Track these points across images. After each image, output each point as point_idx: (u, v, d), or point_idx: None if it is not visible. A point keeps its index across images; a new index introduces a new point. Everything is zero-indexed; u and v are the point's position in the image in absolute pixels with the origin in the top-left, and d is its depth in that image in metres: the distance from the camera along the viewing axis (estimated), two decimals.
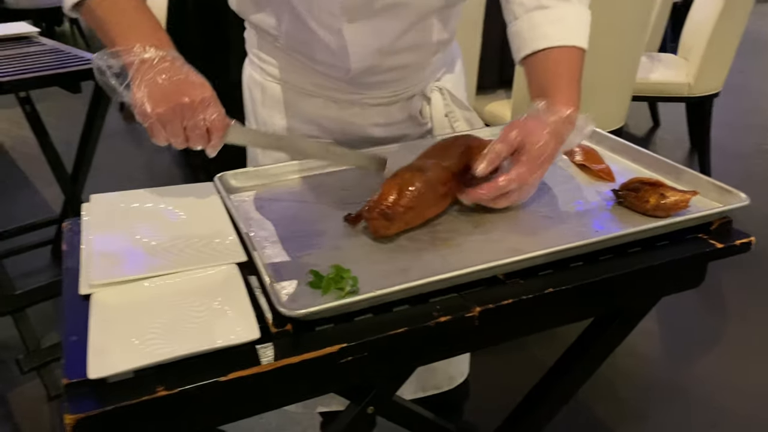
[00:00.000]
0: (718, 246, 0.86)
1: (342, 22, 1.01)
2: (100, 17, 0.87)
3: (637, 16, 2.39)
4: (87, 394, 0.63)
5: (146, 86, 0.82)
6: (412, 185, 0.88)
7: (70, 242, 0.89)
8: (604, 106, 2.53)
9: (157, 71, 0.83)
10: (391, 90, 1.16)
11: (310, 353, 0.68)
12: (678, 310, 2.24)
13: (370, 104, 1.17)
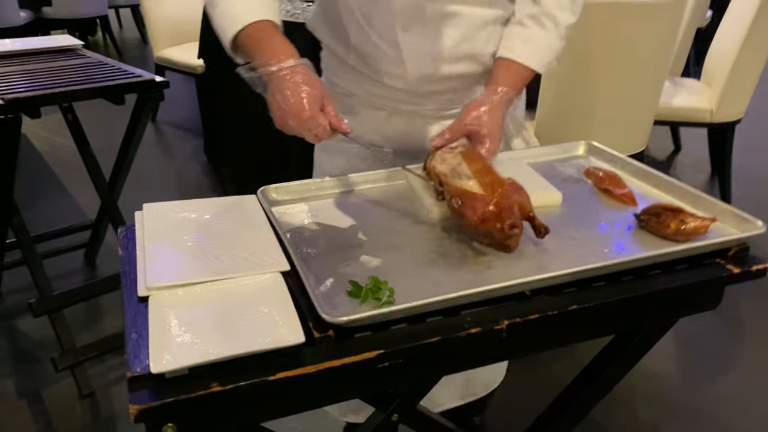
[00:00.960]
0: (734, 271, 0.91)
1: (397, 31, 1.13)
2: (245, 46, 1.04)
3: (661, 43, 2.43)
4: (148, 387, 0.69)
5: (275, 99, 0.98)
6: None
7: (126, 247, 0.96)
8: (626, 130, 2.58)
9: (283, 80, 0.97)
10: (449, 102, 1.24)
11: (350, 357, 0.74)
12: (696, 332, 2.27)
13: (431, 116, 1.25)
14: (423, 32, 1.14)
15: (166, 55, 3.96)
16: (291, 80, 0.97)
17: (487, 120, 1.07)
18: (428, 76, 1.19)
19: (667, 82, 3.27)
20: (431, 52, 1.16)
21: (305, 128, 0.97)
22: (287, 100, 0.96)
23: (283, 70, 0.98)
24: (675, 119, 3.04)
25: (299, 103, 0.96)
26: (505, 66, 1.15)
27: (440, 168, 1.05)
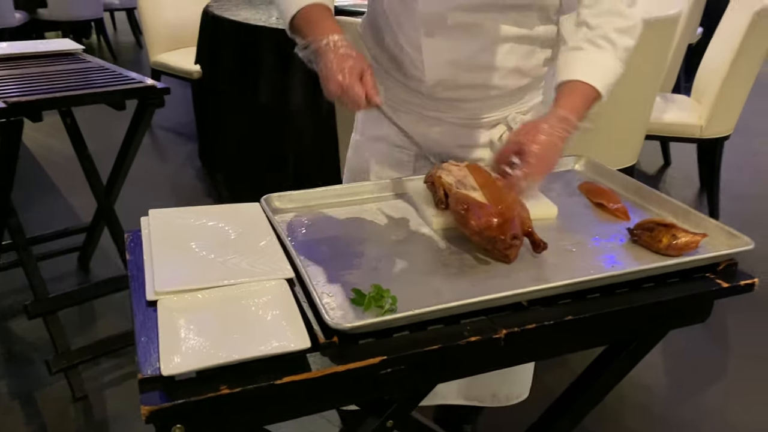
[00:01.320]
0: (723, 285, 0.94)
1: (421, 36, 1.19)
2: (300, 26, 1.16)
3: (653, 60, 2.48)
4: (158, 389, 0.71)
5: (324, 70, 1.09)
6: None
7: (133, 252, 0.98)
8: (617, 145, 2.62)
9: (330, 53, 1.09)
10: (471, 112, 1.28)
11: (354, 363, 0.77)
12: (685, 345, 2.30)
13: (454, 123, 1.30)
14: (445, 39, 1.20)
15: (163, 60, 3.98)
16: (335, 51, 1.09)
17: (535, 138, 1.04)
18: (445, 82, 1.24)
19: (658, 97, 3.33)
20: (450, 58, 1.21)
21: (344, 94, 1.08)
22: (331, 68, 1.07)
23: (329, 43, 1.10)
24: (665, 134, 3.08)
25: (341, 71, 1.07)
26: (567, 90, 1.13)
27: (446, 179, 1.08)
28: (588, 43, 1.13)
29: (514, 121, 1.29)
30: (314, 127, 2.82)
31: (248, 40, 2.90)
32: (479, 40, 1.20)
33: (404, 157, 1.33)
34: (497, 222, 0.97)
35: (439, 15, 1.18)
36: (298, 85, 2.76)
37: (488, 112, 1.29)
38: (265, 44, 2.84)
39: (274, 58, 2.82)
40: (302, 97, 2.77)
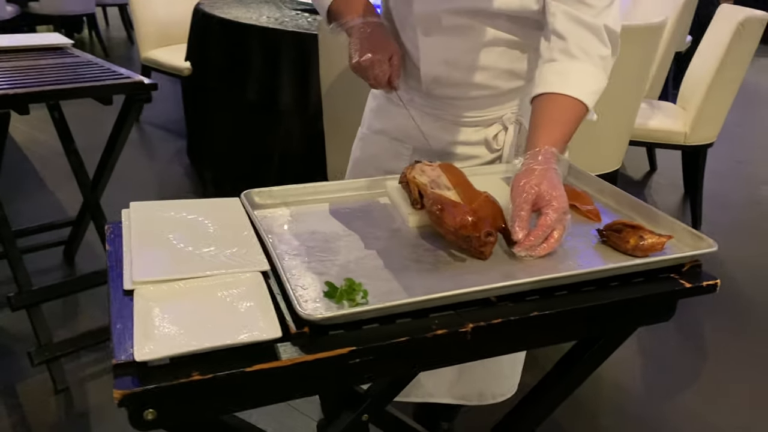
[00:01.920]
0: (686, 285, 0.97)
1: (418, 34, 1.25)
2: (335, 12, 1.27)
3: (637, 67, 2.52)
4: (132, 374, 0.73)
5: (353, 46, 1.21)
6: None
7: (112, 243, 1.00)
8: (601, 149, 2.66)
9: (359, 33, 1.22)
10: (466, 110, 1.32)
11: (324, 353, 0.79)
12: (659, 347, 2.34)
13: (450, 121, 1.34)
14: (440, 39, 1.25)
15: (153, 56, 3.99)
16: (367, 30, 1.21)
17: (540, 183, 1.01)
18: (440, 80, 1.29)
19: (644, 104, 3.37)
20: (445, 57, 1.26)
21: (371, 69, 1.19)
22: (362, 44, 1.20)
23: (362, 23, 1.22)
24: (650, 140, 3.13)
25: (373, 47, 1.19)
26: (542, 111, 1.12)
27: (420, 179, 1.10)
28: (561, 53, 1.13)
29: (509, 120, 1.32)
30: (301, 126, 2.84)
31: (237, 38, 2.92)
32: (472, 41, 1.24)
33: (403, 150, 1.39)
34: (471, 220, 0.99)
35: (433, 16, 1.23)
36: (286, 85, 2.78)
37: (483, 111, 1.33)
38: (254, 43, 2.86)
39: (262, 57, 2.84)
40: (290, 96, 2.79)
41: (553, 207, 1.00)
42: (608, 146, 2.67)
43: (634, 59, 2.48)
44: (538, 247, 1.00)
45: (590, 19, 1.13)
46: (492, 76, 1.28)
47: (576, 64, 1.13)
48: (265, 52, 2.82)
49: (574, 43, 1.13)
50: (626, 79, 2.51)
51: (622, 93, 2.53)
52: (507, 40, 1.24)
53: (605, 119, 2.58)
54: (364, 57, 1.20)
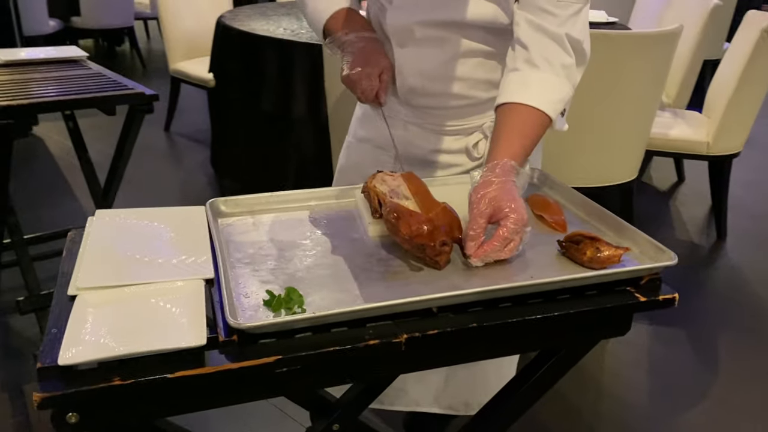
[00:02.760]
0: (641, 299, 0.94)
1: (394, 46, 1.26)
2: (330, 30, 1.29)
3: (651, 74, 2.46)
4: (55, 378, 0.75)
5: (345, 59, 1.23)
6: None
7: (69, 250, 1.02)
8: (615, 159, 2.60)
9: (352, 48, 1.23)
10: (445, 119, 1.32)
11: (248, 362, 0.79)
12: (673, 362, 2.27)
13: (430, 129, 1.34)
14: (415, 50, 1.25)
15: (181, 68, 4.09)
16: (359, 44, 1.23)
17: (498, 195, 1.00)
18: (416, 90, 1.29)
19: (668, 113, 3.29)
20: (420, 68, 1.26)
21: (358, 83, 1.20)
22: (353, 58, 1.21)
23: (356, 37, 1.23)
24: (671, 150, 3.05)
25: (365, 62, 1.20)
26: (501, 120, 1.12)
27: (380, 188, 1.10)
28: (525, 63, 1.12)
29: (490, 129, 1.31)
30: (314, 134, 2.87)
31: (254, 49, 2.97)
32: (447, 52, 1.24)
33: (385, 158, 1.39)
34: (427, 229, 0.99)
35: (406, 28, 1.24)
36: (300, 94, 2.81)
37: (463, 120, 1.32)
38: (269, 54, 2.90)
39: (277, 68, 2.88)
40: (303, 105, 2.83)
41: (511, 219, 0.99)
42: (622, 156, 2.61)
43: (648, 67, 2.43)
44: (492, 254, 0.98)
45: (553, 28, 1.12)
46: (469, 86, 1.27)
47: (538, 73, 1.12)
48: (280, 62, 2.86)
49: (536, 52, 1.12)
50: (639, 87, 2.46)
51: (635, 101, 2.48)
52: (482, 50, 1.24)
53: (618, 128, 2.54)
54: (354, 70, 1.21)
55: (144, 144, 4.01)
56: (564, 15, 1.12)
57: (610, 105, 2.45)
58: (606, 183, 2.61)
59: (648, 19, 4.02)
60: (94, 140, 3.56)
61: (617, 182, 2.64)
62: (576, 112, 2.46)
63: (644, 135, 2.63)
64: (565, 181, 1.27)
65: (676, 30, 2.41)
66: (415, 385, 1.53)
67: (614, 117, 2.48)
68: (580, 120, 2.48)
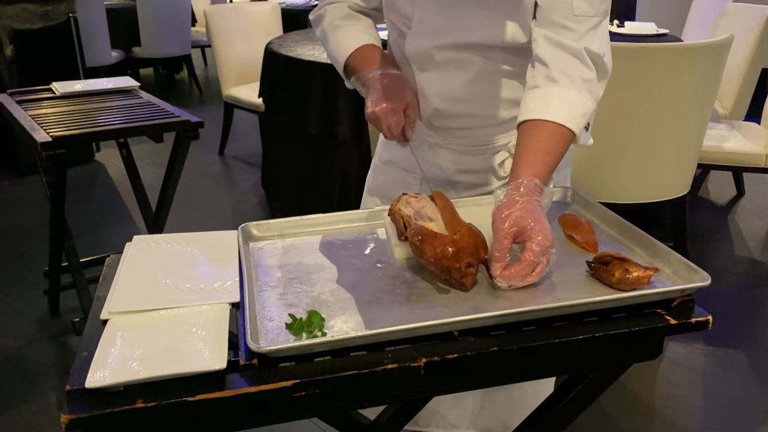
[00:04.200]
0: (672, 322, 0.91)
1: (414, 71, 1.27)
2: (353, 66, 1.29)
3: (701, 86, 2.40)
4: (83, 400, 0.78)
5: (370, 96, 1.21)
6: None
7: (106, 275, 1.06)
8: (665, 174, 2.53)
9: (376, 84, 1.22)
10: (469, 140, 1.33)
11: (267, 385, 0.80)
12: (734, 387, 2.18)
13: (454, 149, 1.34)
14: (436, 73, 1.26)
15: (233, 93, 4.20)
16: (384, 81, 1.21)
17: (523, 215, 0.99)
18: (440, 112, 1.29)
19: (724, 125, 3.19)
20: (442, 91, 1.27)
21: (383, 119, 1.18)
22: (378, 94, 1.19)
23: (381, 74, 1.23)
24: (728, 163, 2.94)
25: (390, 98, 1.19)
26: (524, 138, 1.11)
27: (405, 210, 1.11)
28: (545, 80, 1.12)
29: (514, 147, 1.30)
30: (359, 155, 2.90)
31: (300, 74, 3.04)
32: (468, 73, 1.24)
33: (411, 180, 1.40)
34: (451, 251, 0.99)
35: (426, 53, 1.24)
36: (344, 117, 2.86)
37: (487, 140, 1.32)
38: (315, 78, 2.96)
39: (322, 92, 2.93)
40: (347, 128, 2.87)
41: (537, 241, 0.97)
42: (673, 171, 2.54)
43: (696, 79, 2.36)
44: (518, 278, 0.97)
45: (571, 43, 1.11)
46: (491, 106, 1.27)
47: (558, 88, 1.11)
48: (324, 87, 2.92)
49: (555, 68, 1.11)
50: (688, 100, 2.39)
51: (684, 115, 2.41)
52: (503, 70, 1.24)
53: (667, 143, 2.47)
54: (379, 107, 1.19)
55: (199, 168, 4.16)
56: (582, 29, 1.11)
57: (657, 119, 2.40)
58: (656, 199, 2.55)
59: (702, 29, 3.91)
60: (152, 165, 3.71)
61: (668, 198, 2.56)
62: (623, 128, 2.42)
63: (695, 149, 2.55)
64: (615, 198, 1.25)
65: (724, 41, 2.34)
66: (451, 407, 1.52)
67: (663, 131, 2.42)
68: (627, 135, 2.43)
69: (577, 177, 2.55)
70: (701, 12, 4.06)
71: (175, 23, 5.98)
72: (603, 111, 2.38)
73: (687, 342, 2.37)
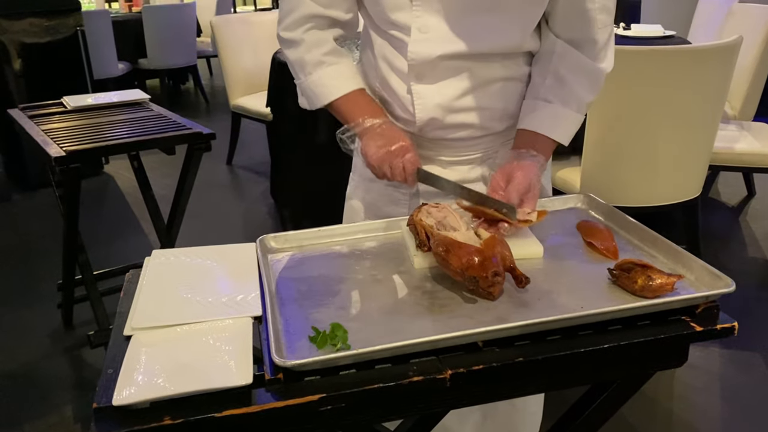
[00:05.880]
0: (697, 329, 0.91)
1: (411, 80, 1.24)
2: (339, 111, 1.29)
3: (713, 89, 2.39)
4: (110, 417, 0.78)
5: (366, 144, 1.22)
6: None
7: (127, 290, 1.06)
8: (678, 177, 2.52)
9: (372, 133, 1.22)
10: (461, 150, 1.32)
11: (293, 400, 0.80)
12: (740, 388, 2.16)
13: (446, 162, 1.34)
14: (434, 83, 1.24)
15: (241, 103, 4.22)
16: (379, 131, 1.22)
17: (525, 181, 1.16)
18: (435, 123, 1.27)
19: (734, 125, 3.18)
20: (439, 101, 1.25)
21: (387, 161, 1.19)
22: (375, 144, 1.20)
23: (373, 125, 1.23)
24: (738, 164, 2.93)
25: (383, 142, 1.20)
26: (532, 137, 1.23)
27: (426, 221, 1.11)
28: (557, 99, 1.22)
29: (504, 158, 1.30)
30: None
31: None
32: (467, 83, 1.24)
33: (399, 196, 1.38)
34: (477, 261, 0.98)
35: (428, 62, 1.22)
36: None
37: (479, 151, 1.32)
38: None
39: None
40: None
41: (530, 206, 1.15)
42: (684, 173, 2.52)
43: (706, 81, 2.35)
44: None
45: (591, 63, 1.20)
46: (487, 117, 1.27)
47: (568, 112, 1.23)
48: None
49: (571, 91, 1.21)
50: (698, 102, 2.39)
51: (694, 117, 2.40)
52: (501, 77, 1.24)
53: (678, 145, 2.46)
54: (380, 151, 1.20)
55: (207, 178, 4.16)
56: (602, 41, 1.15)
57: (668, 122, 2.39)
58: (668, 201, 2.53)
59: (708, 30, 3.90)
60: (162, 176, 3.72)
61: (680, 200, 2.55)
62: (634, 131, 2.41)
63: (707, 151, 2.54)
64: (625, 201, 1.27)
65: (733, 42, 2.33)
66: (453, 420, 1.50)
67: (673, 134, 2.41)
68: (638, 139, 2.42)
69: (589, 181, 2.54)
70: (707, 13, 4.05)
71: (181, 34, 6.01)
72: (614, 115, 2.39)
73: (704, 345, 2.35)
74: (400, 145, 1.20)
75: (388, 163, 1.19)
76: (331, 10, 1.25)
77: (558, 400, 1.41)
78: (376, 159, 1.20)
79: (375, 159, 1.21)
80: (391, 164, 1.19)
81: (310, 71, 1.29)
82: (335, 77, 1.27)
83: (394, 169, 1.19)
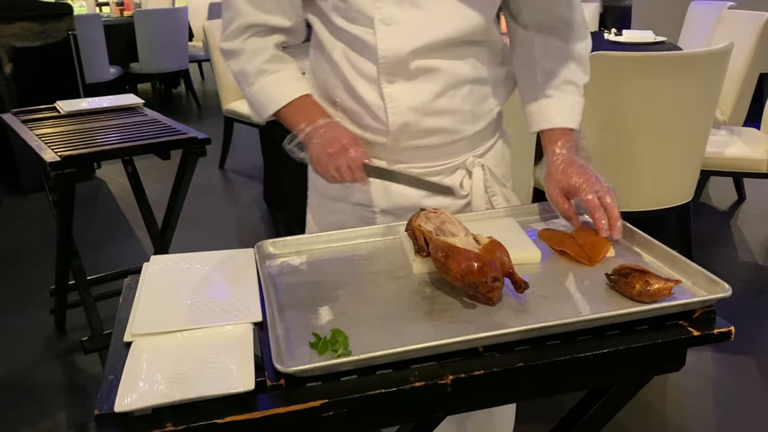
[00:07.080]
0: (694, 333, 0.92)
1: (382, 83, 1.21)
2: (284, 119, 1.27)
3: (704, 94, 2.41)
4: (112, 424, 0.78)
5: (311, 149, 1.19)
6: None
7: (126, 296, 1.06)
8: (670, 181, 2.54)
9: (316, 136, 1.19)
10: (432, 159, 1.30)
11: (295, 406, 0.80)
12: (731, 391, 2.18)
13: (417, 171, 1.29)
14: (406, 85, 1.21)
15: (234, 107, 4.21)
16: (321, 132, 1.18)
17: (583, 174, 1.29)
18: (408, 128, 1.24)
19: (724, 131, 3.21)
20: (411, 104, 1.22)
21: (334, 159, 1.15)
22: (318, 148, 1.17)
23: (316, 127, 1.19)
24: (729, 169, 2.96)
25: (327, 141, 1.16)
26: (548, 134, 1.28)
27: (425, 226, 1.11)
28: (555, 89, 1.24)
29: (472, 164, 1.31)
30: None
31: None
32: (438, 83, 1.22)
33: (368, 215, 1.33)
34: (477, 266, 0.99)
35: (400, 61, 1.18)
36: None
37: (448, 158, 1.30)
38: None
39: None
40: None
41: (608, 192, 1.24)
42: (676, 178, 2.55)
43: (698, 87, 2.38)
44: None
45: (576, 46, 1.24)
46: (458, 120, 1.26)
47: (569, 98, 1.27)
48: None
49: (565, 78, 1.25)
50: (690, 108, 2.41)
51: (686, 123, 2.43)
52: (471, 78, 1.24)
53: (670, 150, 2.48)
54: (325, 151, 1.16)
55: (200, 182, 4.15)
56: (577, 20, 1.22)
57: (660, 128, 2.41)
58: (661, 206, 2.56)
59: (698, 36, 3.94)
60: (154, 181, 3.70)
61: (672, 205, 2.57)
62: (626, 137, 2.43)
63: (698, 156, 2.56)
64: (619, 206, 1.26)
65: (725, 48, 2.35)
66: None
67: (666, 139, 2.43)
68: (630, 144, 2.44)
69: None
70: (698, 19, 4.09)
71: (173, 38, 6.01)
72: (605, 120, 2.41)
73: (696, 349, 2.37)
74: (341, 144, 1.15)
75: (333, 166, 1.15)
76: (272, 17, 1.21)
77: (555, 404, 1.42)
78: (319, 164, 1.17)
79: (318, 164, 1.17)
80: (336, 166, 1.15)
81: (252, 81, 1.25)
82: (277, 85, 1.24)
83: (341, 170, 1.15)
